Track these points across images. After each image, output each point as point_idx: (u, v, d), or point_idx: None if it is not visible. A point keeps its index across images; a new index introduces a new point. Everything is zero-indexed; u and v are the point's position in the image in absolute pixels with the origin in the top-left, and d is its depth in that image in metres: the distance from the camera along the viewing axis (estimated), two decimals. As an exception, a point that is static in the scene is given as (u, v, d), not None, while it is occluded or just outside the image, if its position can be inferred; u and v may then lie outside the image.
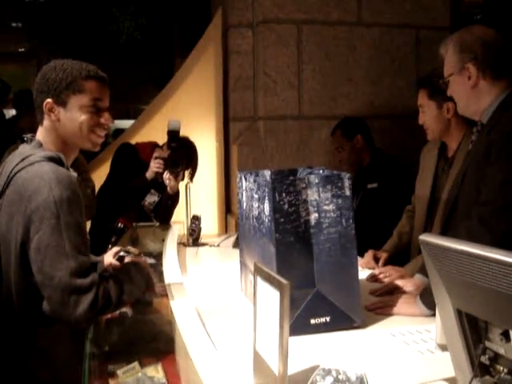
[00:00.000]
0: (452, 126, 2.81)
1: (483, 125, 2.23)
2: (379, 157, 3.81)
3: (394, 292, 2.36)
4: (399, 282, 2.43)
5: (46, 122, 2.11)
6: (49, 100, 2.07)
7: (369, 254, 2.95)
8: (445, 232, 2.33)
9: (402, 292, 2.34)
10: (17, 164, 2.01)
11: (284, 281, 1.24)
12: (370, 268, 2.85)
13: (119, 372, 1.89)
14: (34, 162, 1.99)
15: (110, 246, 2.87)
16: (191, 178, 3.91)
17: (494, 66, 2.18)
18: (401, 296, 2.23)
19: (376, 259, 2.93)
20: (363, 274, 2.64)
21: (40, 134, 2.13)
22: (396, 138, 4.33)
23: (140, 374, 1.77)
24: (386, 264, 2.86)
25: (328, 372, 1.23)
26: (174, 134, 3.65)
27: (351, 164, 3.86)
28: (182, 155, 3.73)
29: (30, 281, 1.93)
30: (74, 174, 2.08)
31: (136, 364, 1.91)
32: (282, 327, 1.24)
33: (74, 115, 2.10)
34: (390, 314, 2.13)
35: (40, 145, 2.08)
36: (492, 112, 2.17)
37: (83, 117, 2.10)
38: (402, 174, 3.21)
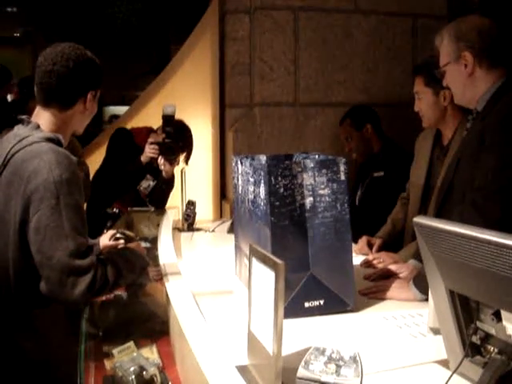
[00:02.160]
0: (448, 113, 2.82)
1: (478, 112, 2.24)
2: (388, 146, 3.81)
3: (387, 277, 2.37)
4: (393, 267, 2.44)
5: (72, 109, 2.13)
6: (93, 91, 2.15)
7: (363, 240, 2.96)
8: (438, 217, 2.34)
9: (396, 277, 2.36)
10: (14, 145, 2.01)
11: (279, 261, 1.25)
12: (363, 254, 2.86)
13: (114, 351, 1.90)
14: (33, 142, 1.99)
15: (105, 231, 2.87)
16: (186, 161, 3.91)
17: (491, 55, 2.19)
18: (394, 281, 2.25)
19: (370, 245, 2.95)
20: (357, 259, 2.66)
21: (41, 116, 2.12)
22: (392, 126, 4.32)
23: (135, 354, 1.79)
24: (379, 250, 2.88)
25: (322, 351, 1.24)
26: (168, 119, 3.65)
27: (360, 154, 3.87)
28: (177, 140, 3.73)
29: (28, 261, 1.94)
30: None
31: (131, 343, 1.92)
32: (276, 307, 1.25)
33: (93, 105, 2.20)
34: (383, 299, 2.15)
35: (37, 126, 2.08)
36: (487, 100, 2.18)
37: (95, 106, 2.21)
38: (408, 163, 3.23)
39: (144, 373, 1.65)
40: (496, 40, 2.20)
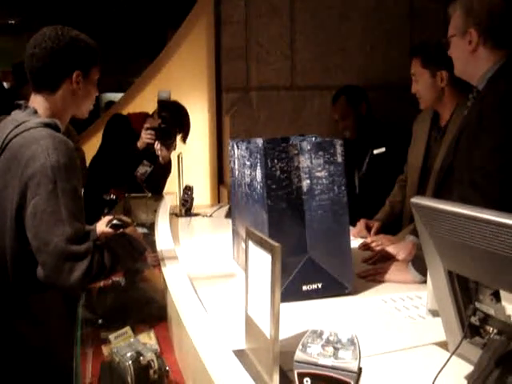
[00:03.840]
0: (445, 95, 2.80)
1: (478, 91, 2.22)
2: (379, 123, 3.82)
3: (386, 259, 2.37)
4: (391, 249, 2.44)
5: (60, 92, 2.10)
6: (79, 71, 2.11)
7: (361, 223, 2.95)
8: (438, 197, 2.32)
9: (395, 259, 2.35)
10: (11, 130, 2.00)
11: (275, 243, 1.23)
12: (362, 237, 2.85)
13: (111, 337, 1.90)
14: (30, 127, 1.98)
15: (102, 217, 2.86)
16: (184, 140, 3.88)
17: (496, 35, 2.16)
18: (392, 263, 2.24)
19: (368, 228, 2.94)
20: (355, 242, 2.65)
21: (36, 101, 2.11)
22: (389, 108, 4.31)
23: (132, 339, 1.77)
24: (378, 233, 2.87)
25: (319, 334, 1.23)
26: (164, 104, 3.63)
27: (354, 132, 3.86)
28: (174, 120, 3.71)
29: (25, 246, 1.93)
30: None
31: (128, 329, 1.92)
32: (273, 290, 1.24)
33: (90, 88, 2.18)
34: (381, 281, 2.15)
35: (35, 111, 2.07)
36: (487, 79, 2.17)
37: (95, 89, 2.20)
38: (407, 138, 3.21)
39: (141, 358, 1.64)
40: (504, 21, 2.17)
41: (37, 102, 2.11)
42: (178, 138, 3.84)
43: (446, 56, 2.81)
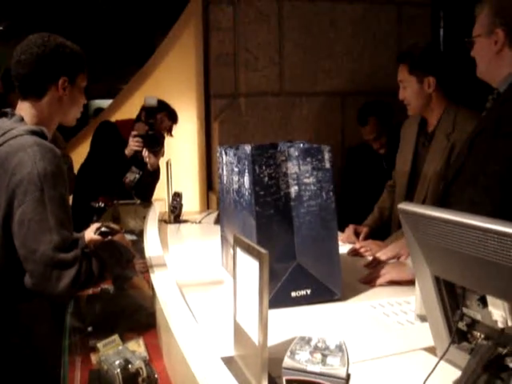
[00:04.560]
0: (433, 101, 2.81)
1: (499, 93, 2.17)
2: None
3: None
4: (391, 253, 2.42)
5: (46, 99, 2.09)
6: (65, 77, 2.10)
7: (349, 229, 2.96)
8: (445, 199, 2.28)
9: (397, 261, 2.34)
10: None
11: (263, 250, 1.23)
12: (350, 242, 2.86)
13: (99, 345, 1.89)
14: (17, 135, 1.97)
15: (91, 225, 2.85)
16: (170, 131, 3.89)
17: None
18: (391, 264, 2.25)
19: (357, 234, 2.94)
20: (344, 248, 2.65)
21: (22, 108, 2.11)
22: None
23: (121, 347, 1.77)
24: (366, 238, 2.87)
25: (307, 341, 1.23)
26: (151, 111, 3.63)
27: (387, 146, 3.89)
28: (160, 131, 3.71)
29: (12, 255, 1.91)
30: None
31: (116, 337, 1.91)
32: (261, 297, 1.24)
33: (77, 95, 2.17)
34: (385, 284, 2.16)
35: (21, 119, 2.06)
36: (510, 82, 2.11)
37: (83, 97, 2.19)
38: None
39: (129, 366, 1.63)
40: None
41: (23, 109, 2.10)
42: (166, 130, 3.85)
43: (433, 62, 2.83)
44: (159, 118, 3.83)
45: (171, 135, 3.98)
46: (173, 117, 3.96)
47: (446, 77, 2.87)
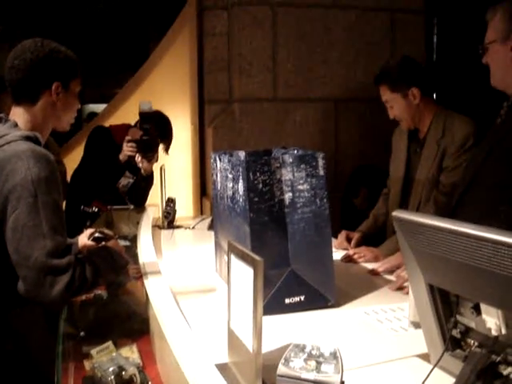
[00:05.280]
0: (421, 109, 2.83)
1: None
2: None
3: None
4: (389, 264, 2.44)
5: (40, 104, 2.09)
6: (58, 82, 2.10)
7: (342, 235, 2.96)
8: (460, 206, 2.21)
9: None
10: None
11: (257, 257, 1.24)
12: (344, 249, 2.86)
13: (93, 352, 1.89)
14: (11, 141, 1.97)
15: (84, 230, 2.85)
16: (166, 150, 3.88)
17: None
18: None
19: (349, 240, 2.94)
20: (338, 254, 2.66)
21: (16, 114, 2.10)
22: (371, 121, 4.35)
23: (114, 354, 1.77)
24: (359, 244, 2.88)
25: (302, 348, 1.23)
26: (145, 116, 3.62)
27: None
28: (156, 130, 3.70)
29: (5, 261, 1.91)
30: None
31: (110, 343, 1.91)
32: (255, 304, 1.24)
33: (71, 100, 2.17)
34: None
35: (15, 125, 2.06)
36: None
37: (77, 102, 2.19)
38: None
39: (123, 373, 1.63)
40: None
41: (17, 114, 2.10)
42: (161, 148, 3.84)
43: (412, 73, 2.84)
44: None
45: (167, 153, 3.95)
46: (169, 144, 3.94)
47: (428, 83, 2.89)
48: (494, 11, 2.13)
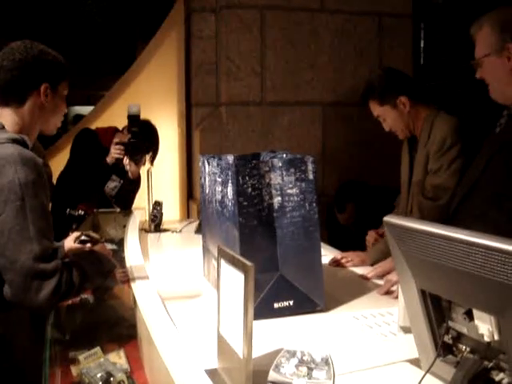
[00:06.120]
0: (413, 116, 2.83)
1: None
2: None
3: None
4: (380, 269, 2.43)
5: (28, 106, 2.07)
6: (46, 84, 2.08)
7: (371, 233, 2.95)
8: (456, 214, 2.20)
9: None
10: None
11: (248, 263, 1.23)
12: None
13: (81, 358, 1.87)
14: None
15: (70, 233, 2.83)
16: (152, 161, 3.87)
17: None
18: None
19: (381, 235, 2.91)
20: (325, 258, 2.65)
21: (4, 115, 2.08)
22: (359, 126, 4.35)
23: (102, 359, 1.75)
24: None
25: (293, 354, 1.23)
26: (134, 119, 3.60)
27: None
28: (143, 140, 3.68)
29: None
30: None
31: (98, 349, 1.89)
32: (246, 309, 1.23)
33: (58, 102, 2.15)
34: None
35: (2, 127, 2.04)
36: None
37: (64, 105, 2.17)
38: None
39: (111, 379, 1.61)
40: None
41: (4, 116, 2.08)
42: (147, 157, 3.83)
43: (396, 82, 2.85)
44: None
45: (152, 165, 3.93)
46: (155, 154, 3.93)
47: (415, 89, 2.90)
48: (478, 25, 2.11)
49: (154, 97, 4.64)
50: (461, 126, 2.71)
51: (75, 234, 2.50)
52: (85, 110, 8.81)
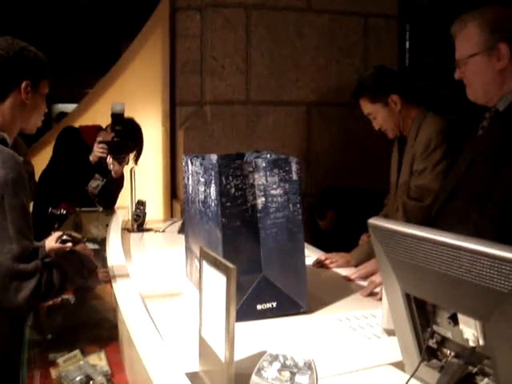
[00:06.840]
0: (404, 115, 2.83)
1: (497, 112, 2.04)
2: None
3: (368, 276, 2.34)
4: (364, 270, 2.41)
5: (8, 102, 2.04)
6: (27, 81, 2.06)
7: (364, 238, 2.91)
8: (438, 217, 2.17)
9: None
10: None
11: (230, 265, 1.21)
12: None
13: (60, 360, 1.84)
14: None
15: (52, 233, 2.80)
16: (136, 160, 3.84)
17: None
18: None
19: None
20: (309, 260, 2.63)
21: None
22: (344, 126, 4.35)
23: (82, 362, 1.73)
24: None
25: (275, 357, 1.21)
26: (117, 117, 3.57)
27: None
28: (127, 138, 3.65)
29: None
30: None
31: (77, 352, 1.86)
32: (228, 312, 1.21)
33: (39, 101, 2.14)
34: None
35: None
36: (511, 100, 2.00)
37: (45, 104, 2.16)
38: None
39: (91, 382, 1.59)
40: None
41: None
42: (131, 156, 3.80)
43: (388, 80, 2.85)
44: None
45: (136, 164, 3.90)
46: (139, 154, 3.90)
47: (407, 88, 2.90)
48: (460, 24, 2.06)
49: (138, 95, 4.61)
50: (448, 128, 2.71)
51: (57, 234, 2.47)
52: (69, 107, 8.75)
